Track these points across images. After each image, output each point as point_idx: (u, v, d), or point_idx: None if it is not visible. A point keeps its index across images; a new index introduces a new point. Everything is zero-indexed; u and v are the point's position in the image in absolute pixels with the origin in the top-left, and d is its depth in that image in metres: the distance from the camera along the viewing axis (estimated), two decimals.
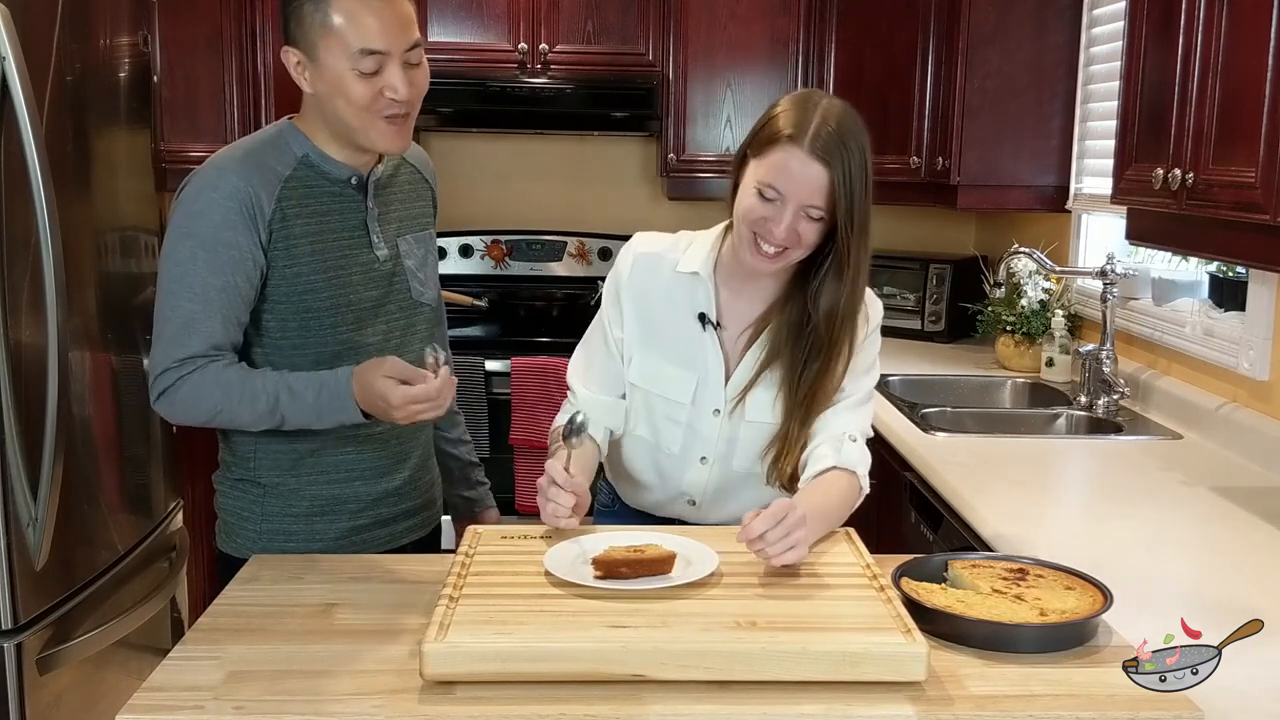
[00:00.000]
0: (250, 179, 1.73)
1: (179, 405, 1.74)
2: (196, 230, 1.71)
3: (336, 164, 1.81)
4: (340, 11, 1.67)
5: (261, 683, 1.33)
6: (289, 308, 1.78)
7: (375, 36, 1.68)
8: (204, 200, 1.72)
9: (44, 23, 2.11)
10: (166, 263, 1.74)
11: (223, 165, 1.75)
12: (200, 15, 3.76)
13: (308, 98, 1.78)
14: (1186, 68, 2.05)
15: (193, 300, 1.71)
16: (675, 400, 1.85)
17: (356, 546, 1.87)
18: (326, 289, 1.79)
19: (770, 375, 1.81)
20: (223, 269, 1.70)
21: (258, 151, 1.78)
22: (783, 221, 1.68)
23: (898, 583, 1.51)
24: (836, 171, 1.66)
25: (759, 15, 3.90)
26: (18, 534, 2.04)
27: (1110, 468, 2.47)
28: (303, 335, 1.79)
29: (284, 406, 1.72)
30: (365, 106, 1.71)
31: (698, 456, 1.87)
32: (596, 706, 1.28)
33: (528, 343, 3.86)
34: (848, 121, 1.70)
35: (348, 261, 1.81)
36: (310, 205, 1.78)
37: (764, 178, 1.69)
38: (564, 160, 4.38)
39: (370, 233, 1.84)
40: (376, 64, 1.69)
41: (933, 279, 3.91)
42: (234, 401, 1.72)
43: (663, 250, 1.87)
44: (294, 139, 1.80)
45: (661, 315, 1.86)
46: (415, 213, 1.95)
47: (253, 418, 1.74)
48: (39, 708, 2.12)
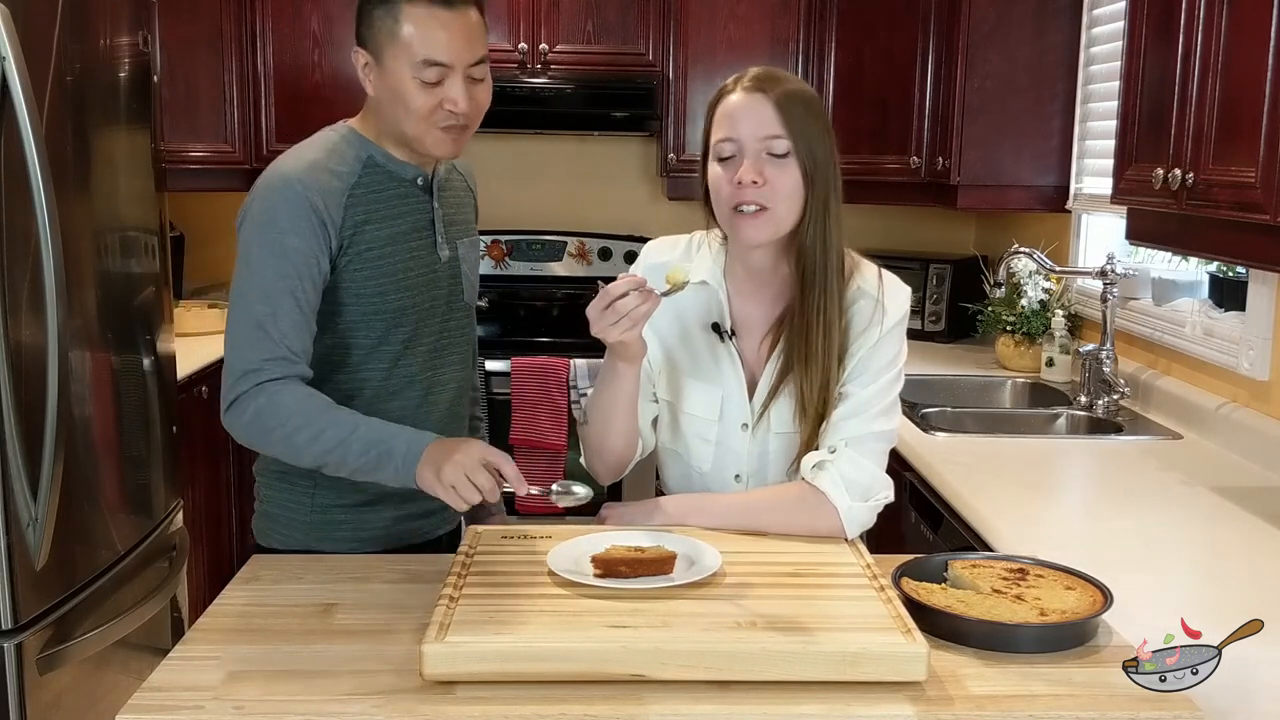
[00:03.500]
0: (317, 186, 1.72)
1: (250, 417, 1.68)
2: (264, 237, 1.71)
3: (401, 164, 1.81)
4: (409, 20, 1.68)
5: (261, 683, 1.33)
6: (357, 310, 1.78)
7: (440, 48, 1.69)
8: (271, 209, 1.71)
9: (44, 23, 2.11)
10: (237, 274, 1.73)
11: (288, 173, 1.73)
12: (200, 15, 3.77)
13: (370, 100, 1.79)
14: (1186, 68, 2.05)
15: (264, 303, 1.69)
16: (701, 416, 1.79)
17: (395, 539, 1.87)
18: (395, 291, 1.79)
19: (791, 382, 1.73)
20: (289, 274, 1.70)
21: (322, 158, 1.76)
22: (745, 163, 1.65)
23: (898, 583, 1.51)
24: (775, 95, 1.65)
25: (759, 15, 3.90)
26: (18, 534, 2.04)
27: (1110, 468, 2.47)
28: (367, 336, 1.79)
29: (342, 454, 1.66)
30: (423, 116, 1.71)
31: (731, 474, 1.79)
32: (596, 706, 1.28)
33: (528, 343, 3.87)
34: (780, 71, 1.73)
35: (415, 263, 1.82)
36: (380, 209, 1.78)
37: (718, 139, 1.68)
38: (564, 160, 4.38)
39: (436, 232, 1.85)
40: (439, 75, 1.70)
41: (933, 279, 3.91)
42: (307, 427, 1.66)
43: (674, 259, 1.81)
44: (356, 142, 1.80)
45: (678, 328, 1.80)
46: (466, 217, 1.97)
47: (309, 447, 1.67)
48: (39, 708, 2.12)
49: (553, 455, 3.70)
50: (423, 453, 1.62)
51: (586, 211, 4.38)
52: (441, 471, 1.58)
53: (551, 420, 3.69)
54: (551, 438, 3.70)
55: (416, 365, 1.85)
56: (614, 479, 1.84)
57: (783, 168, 1.65)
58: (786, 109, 1.65)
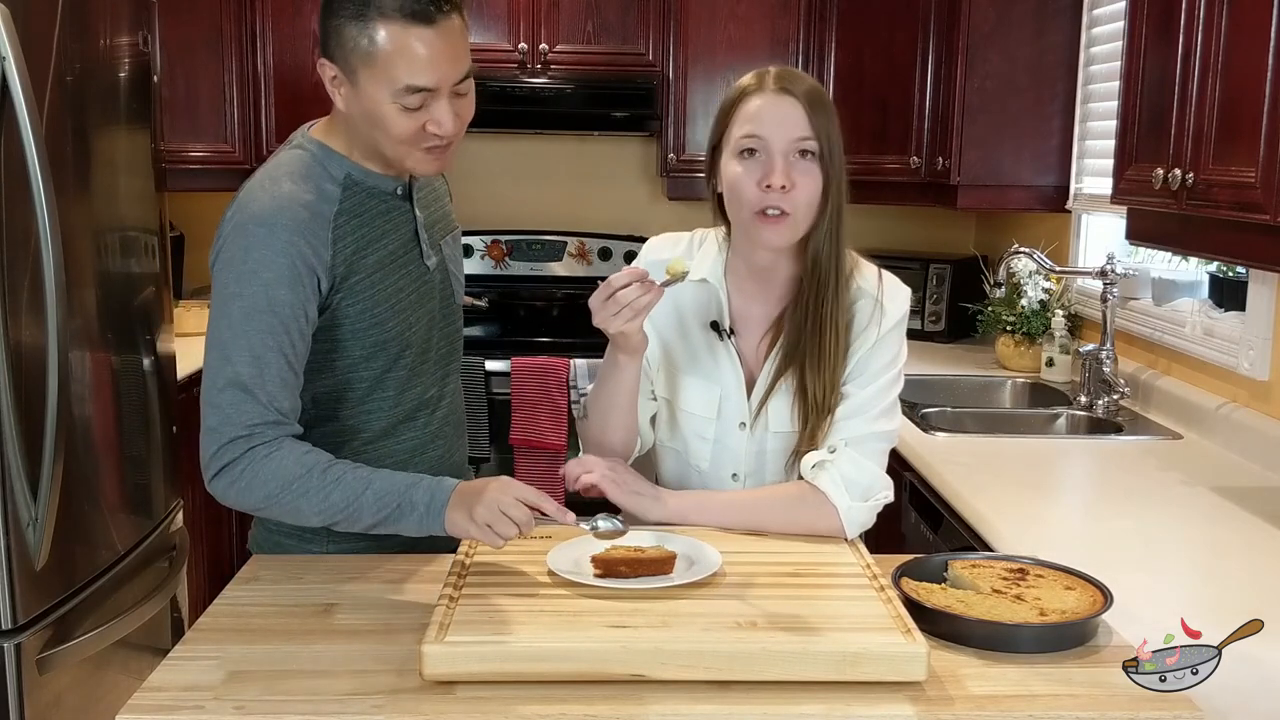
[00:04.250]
0: (301, 227, 1.60)
1: (245, 484, 1.56)
2: (247, 289, 1.57)
3: (379, 176, 1.70)
4: (386, 39, 1.52)
5: (261, 683, 1.33)
6: (356, 345, 1.68)
7: (423, 72, 1.54)
8: (254, 259, 1.58)
9: (44, 23, 2.11)
10: (216, 326, 1.59)
11: (265, 215, 1.59)
12: (200, 15, 3.77)
13: (338, 112, 1.65)
14: (1186, 68, 2.04)
15: (249, 364, 1.56)
16: (699, 414, 1.79)
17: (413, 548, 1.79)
18: (392, 318, 1.70)
19: (788, 381, 1.73)
20: (276, 329, 1.57)
21: (299, 189, 1.63)
22: (775, 166, 1.63)
23: (898, 583, 1.51)
24: (803, 96, 1.65)
25: (759, 15, 3.90)
26: (18, 534, 2.04)
27: (1110, 468, 2.47)
28: (369, 368, 1.71)
29: (356, 512, 1.57)
30: (405, 140, 1.59)
31: (729, 473, 1.79)
32: (596, 706, 1.27)
33: (528, 343, 3.87)
34: (794, 70, 1.72)
35: (407, 280, 1.73)
36: (366, 231, 1.68)
37: (740, 135, 1.66)
38: (564, 160, 4.38)
39: (421, 242, 1.76)
40: (422, 100, 1.56)
41: (933, 279, 3.91)
42: (313, 489, 1.55)
43: (674, 256, 1.78)
44: (329, 161, 1.67)
45: (676, 326, 1.80)
46: (444, 211, 1.88)
47: (316, 510, 1.57)
48: (39, 708, 2.12)
49: (553, 455, 3.69)
50: (449, 498, 1.54)
51: (586, 211, 4.37)
52: (474, 511, 1.51)
53: (551, 420, 3.69)
54: (551, 438, 3.70)
55: (423, 385, 1.78)
56: None
57: (808, 171, 1.65)
58: (815, 109, 1.65)
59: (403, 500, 1.55)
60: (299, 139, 1.73)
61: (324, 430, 1.71)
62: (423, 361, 1.78)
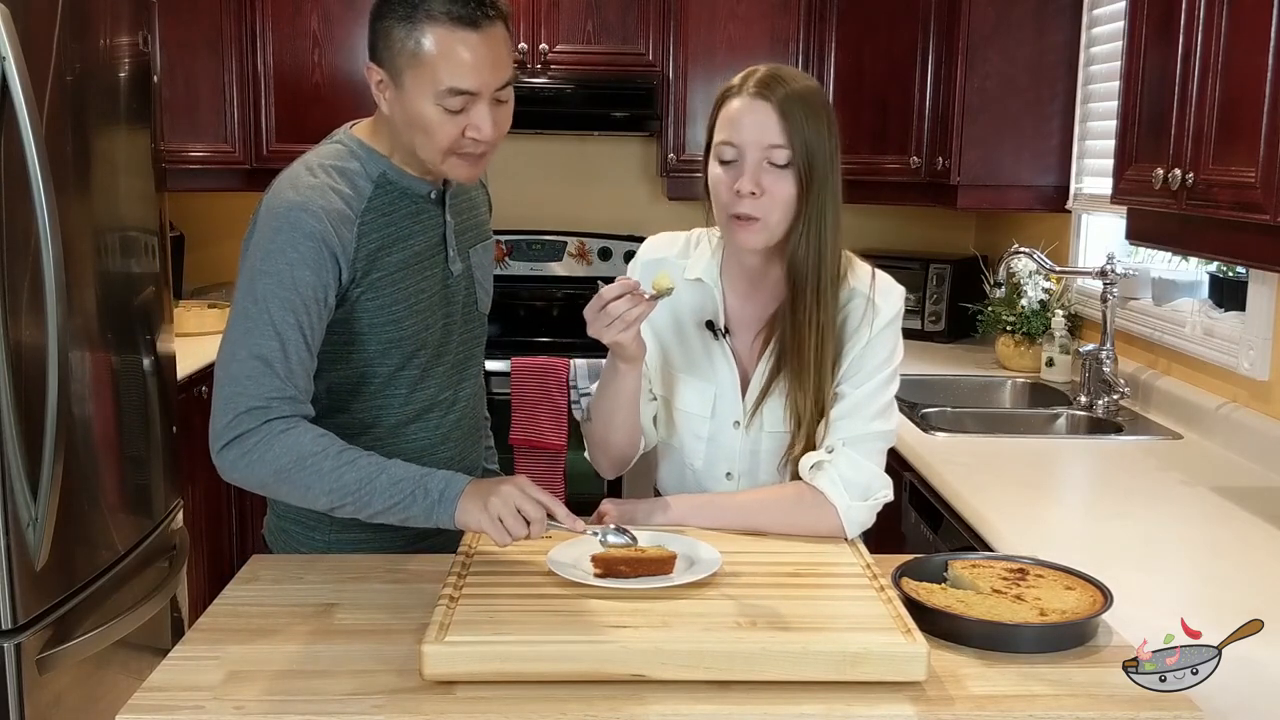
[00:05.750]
0: (328, 214, 1.63)
1: (256, 456, 1.57)
2: (273, 268, 1.61)
3: (413, 179, 1.73)
4: (433, 42, 1.57)
5: (261, 683, 1.33)
6: (373, 340, 1.71)
7: (467, 75, 1.58)
8: (281, 239, 1.61)
9: (44, 23, 2.11)
10: (241, 301, 1.63)
11: (297, 201, 1.63)
12: (200, 15, 3.77)
13: (381, 115, 1.69)
14: (1186, 68, 2.05)
15: (272, 338, 1.59)
16: (694, 413, 1.79)
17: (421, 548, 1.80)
18: (410, 317, 1.73)
19: (782, 381, 1.74)
20: (299, 308, 1.61)
21: (332, 179, 1.67)
22: (745, 172, 1.64)
23: (898, 583, 1.51)
24: (778, 102, 1.63)
25: (759, 15, 3.90)
26: (18, 534, 2.04)
27: (1110, 468, 2.47)
28: (384, 364, 1.73)
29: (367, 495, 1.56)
30: (445, 146, 1.63)
31: (723, 472, 1.80)
32: (596, 706, 1.28)
33: (528, 343, 3.87)
34: (787, 70, 1.69)
35: (428, 283, 1.75)
36: (392, 230, 1.71)
37: (719, 140, 1.67)
38: (564, 160, 4.39)
39: (448, 246, 1.78)
40: (464, 104, 1.60)
41: (933, 279, 3.91)
42: (327, 469, 1.56)
43: (671, 256, 1.82)
44: (367, 159, 1.71)
45: (672, 326, 1.81)
46: (480, 220, 1.90)
47: (327, 489, 1.56)
48: (39, 708, 2.12)
49: (553, 455, 3.70)
50: (463, 489, 1.55)
51: (586, 211, 4.38)
52: (489, 502, 1.51)
53: (551, 420, 3.69)
54: (551, 438, 3.70)
55: (435, 386, 1.80)
56: (617, 474, 1.86)
57: (781, 178, 1.65)
58: (790, 116, 1.63)
59: (417, 487, 1.56)
60: (340, 135, 1.76)
61: (335, 422, 1.72)
62: (437, 363, 1.79)
